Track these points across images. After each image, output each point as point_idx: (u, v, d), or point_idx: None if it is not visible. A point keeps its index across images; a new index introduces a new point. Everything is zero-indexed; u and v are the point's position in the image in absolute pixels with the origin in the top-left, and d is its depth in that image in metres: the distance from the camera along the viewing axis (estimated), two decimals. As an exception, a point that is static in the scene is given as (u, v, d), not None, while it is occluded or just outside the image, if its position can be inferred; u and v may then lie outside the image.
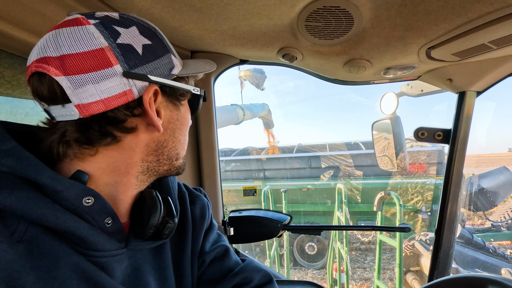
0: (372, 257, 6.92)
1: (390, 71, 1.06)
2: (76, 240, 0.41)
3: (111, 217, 0.45)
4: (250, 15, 0.82)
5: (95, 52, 0.41)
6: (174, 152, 0.53)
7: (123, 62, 0.43)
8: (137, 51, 0.45)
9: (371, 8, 0.76)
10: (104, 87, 0.42)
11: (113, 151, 0.46)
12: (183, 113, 0.54)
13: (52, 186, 0.40)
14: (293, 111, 28.85)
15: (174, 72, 0.50)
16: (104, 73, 0.42)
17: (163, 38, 0.51)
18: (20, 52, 0.73)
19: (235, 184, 7.51)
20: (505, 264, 3.86)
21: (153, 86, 0.46)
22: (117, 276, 0.46)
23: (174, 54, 0.51)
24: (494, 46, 0.83)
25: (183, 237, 0.61)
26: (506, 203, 7.07)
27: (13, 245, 0.36)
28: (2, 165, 0.39)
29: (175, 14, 0.82)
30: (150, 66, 0.46)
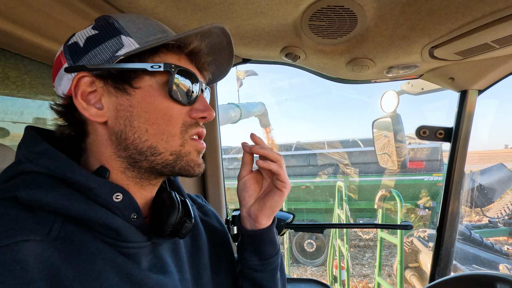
0: (371, 254, 6.97)
1: (393, 70, 1.07)
2: (110, 233, 0.43)
3: (136, 212, 0.47)
4: (254, 14, 0.82)
5: (57, 59, 0.49)
6: (144, 145, 0.46)
7: (70, 59, 0.47)
8: (80, 45, 0.47)
9: (375, 7, 0.77)
10: (62, 85, 0.48)
11: (92, 145, 0.49)
12: (140, 98, 0.46)
13: (87, 184, 0.42)
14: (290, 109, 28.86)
15: (120, 53, 0.45)
16: (59, 74, 0.48)
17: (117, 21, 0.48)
18: (25, 52, 0.73)
19: (233, 182, 7.52)
20: (503, 260, 3.90)
21: (79, 74, 0.46)
22: (145, 265, 0.48)
23: (129, 35, 0.46)
24: (497, 45, 0.84)
25: (197, 243, 0.63)
26: (502, 199, 7.14)
27: (52, 243, 0.38)
28: (38, 165, 0.42)
29: (179, 13, 0.82)
30: (90, 54, 0.46)
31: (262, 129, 9.82)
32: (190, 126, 0.50)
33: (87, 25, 0.50)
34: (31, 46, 0.68)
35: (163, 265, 0.51)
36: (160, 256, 0.51)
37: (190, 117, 0.51)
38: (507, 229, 6.54)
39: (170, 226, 0.49)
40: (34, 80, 0.79)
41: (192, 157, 0.51)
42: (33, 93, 0.84)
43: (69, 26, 0.72)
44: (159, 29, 0.51)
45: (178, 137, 0.49)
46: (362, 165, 7.17)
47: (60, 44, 0.48)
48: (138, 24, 0.48)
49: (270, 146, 8.64)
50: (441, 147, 6.65)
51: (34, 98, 0.84)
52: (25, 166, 0.42)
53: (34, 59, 0.75)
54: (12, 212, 0.37)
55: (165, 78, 0.47)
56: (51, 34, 0.72)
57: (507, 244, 6.25)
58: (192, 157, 0.51)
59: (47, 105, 0.76)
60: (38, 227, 0.38)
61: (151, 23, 0.51)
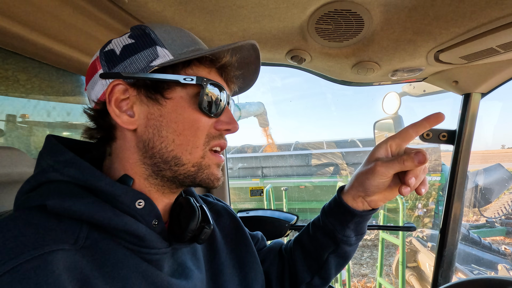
0: (369, 254, 7.00)
1: (398, 73, 1.08)
2: (134, 240, 0.44)
3: (157, 219, 0.48)
4: (261, 17, 0.82)
5: (92, 64, 0.51)
6: (169, 155, 0.47)
7: (105, 66, 0.48)
8: (116, 52, 0.48)
9: (381, 11, 0.77)
10: (95, 90, 0.49)
11: (119, 151, 0.50)
12: (171, 109, 0.48)
13: (111, 191, 0.43)
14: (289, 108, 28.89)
15: (155, 63, 0.47)
16: (93, 79, 0.50)
17: (154, 32, 0.49)
18: (33, 54, 0.73)
19: (233, 182, 7.52)
20: (501, 260, 3.93)
21: (114, 82, 0.47)
22: (167, 271, 0.48)
23: (165, 46, 0.48)
24: (502, 50, 0.84)
25: (213, 245, 0.64)
26: (500, 199, 7.20)
27: (79, 251, 0.38)
28: (63, 174, 0.43)
29: (186, 16, 0.82)
30: (125, 63, 0.47)
31: (261, 129, 9.84)
32: (214, 138, 0.51)
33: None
34: (40, 49, 0.68)
35: (184, 269, 0.51)
36: (180, 261, 0.52)
37: (215, 128, 0.52)
38: (504, 229, 6.60)
39: (190, 232, 0.50)
40: (43, 82, 0.79)
41: (212, 171, 0.51)
42: (42, 93, 0.84)
43: (79, 29, 0.72)
44: (191, 40, 0.52)
45: (200, 148, 0.49)
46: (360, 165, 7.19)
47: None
48: (173, 36, 0.50)
49: (269, 146, 8.63)
50: (439, 148, 6.68)
51: (49, 100, 0.84)
52: (51, 176, 0.43)
53: (44, 62, 0.75)
54: (42, 221, 0.38)
55: (196, 90, 0.49)
56: (61, 37, 0.72)
57: (504, 243, 6.31)
58: (212, 171, 0.51)
59: (42, 105, 0.76)
60: (66, 236, 0.38)
61: (185, 35, 0.52)
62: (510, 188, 7.31)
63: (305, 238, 0.72)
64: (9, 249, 0.33)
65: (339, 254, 0.67)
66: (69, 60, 0.86)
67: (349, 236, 0.64)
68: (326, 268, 0.68)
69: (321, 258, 0.68)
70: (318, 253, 0.68)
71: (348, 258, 0.69)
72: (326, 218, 0.66)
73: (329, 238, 0.66)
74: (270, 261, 0.76)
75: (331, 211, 0.66)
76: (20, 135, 0.85)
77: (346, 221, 0.63)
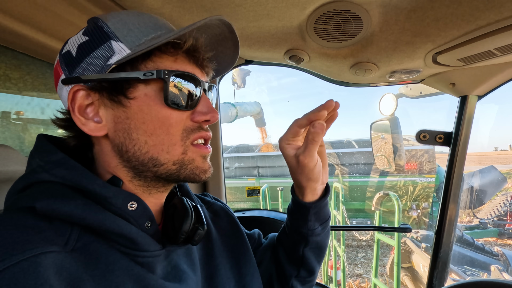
0: (363, 254, 7.04)
1: (396, 74, 1.08)
2: (126, 242, 0.42)
3: (150, 220, 0.47)
4: (260, 16, 0.82)
5: (54, 69, 0.48)
6: (145, 157, 0.45)
7: (66, 70, 0.45)
8: (72, 54, 0.45)
9: (380, 12, 0.77)
10: (63, 97, 0.47)
11: (99, 156, 0.48)
12: (136, 109, 0.44)
13: (103, 193, 0.42)
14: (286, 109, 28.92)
15: (111, 61, 0.42)
16: (59, 85, 0.46)
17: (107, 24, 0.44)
18: (28, 50, 0.72)
19: (229, 181, 7.51)
20: (493, 261, 3.98)
21: (74, 88, 0.44)
22: (160, 274, 0.47)
23: (119, 39, 0.43)
24: (499, 53, 0.85)
25: (209, 245, 0.63)
26: (492, 201, 7.29)
27: (70, 253, 0.37)
28: (53, 175, 0.41)
29: (185, 14, 0.81)
30: (83, 64, 0.43)
31: (258, 128, 9.84)
32: (192, 131, 0.48)
33: None
34: (35, 45, 0.67)
35: (178, 272, 0.50)
36: (174, 263, 0.51)
37: (192, 121, 0.48)
38: (496, 230, 6.69)
39: (183, 234, 0.49)
40: (36, 80, 0.77)
41: (197, 164, 0.48)
42: (35, 91, 0.82)
43: (74, 25, 0.71)
44: (152, 26, 0.47)
45: (179, 145, 0.46)
46: (356, 166, 7.24)
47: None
48: (129, 25, 0.45)
49: (265, 145, 8.62)
50: (434, 149, 6.74)
51: (37, 97, 0.83)
52: (41, 176, 0.41)
53: (38, 58, 0.73)
54: (31, 222, 0.37)
55: (160, 85, 0.44)
56: (56, 32, 0.71)
57: (497, 245, 6.39)
58: (197, 164, 0.48)
59: (36, 102, 0.74)
60: (56, 238, 0.37)
61: (143, 21, 0.47)
62: (503, 189, 7.41)
63: (283, 236, 0.74)
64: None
65: (312, 246, 0.68)
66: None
67: (314, 228, 0.65)
68: (306, 261, 0.69)
69: (298, 253, 0.69)
70: (295, 249, 0.69)
71: (323, 247, 0.70)
72: (291, 217, 0.69)
73: (297, 235, 0.67)
74: (268, 258, 0.76)
75: (292, 210, 0.68)
76: (13, 132, 0.84)
77: (304, 215, 0.64)
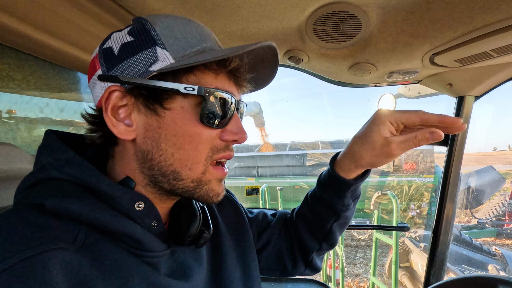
0: (362, 254, 7.05)
1: (394, 75, 1.09)
2: (132, 242, 0.43)
3: (156, 220, 0.47)
4: (260, 17, 0.83)
5: (91, 62, 0.47)
6: (168, 169, 0.44)
7: (104, 66, 0.45)
8: (114, 52, 0.44)
9: (379, 14, 0.78)
10: (95, 92, 0.46)
11: (120, 157, 0.48)
12: (170, 120, 0.43)
13: (110, 193, 0.42)
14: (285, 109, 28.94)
15: (154, 68, 0.42)
16: (93, 79, 0.46)
17: (154, 29, 0.44)
18: (30, 50, 0.72)
19: (229, 181, 7.52)
20: (491, 261, 4.00)
21: (110, 88, 0.43)
22: (165, 272, 0.47)
23: (165, 47, 0.43)
24: (495, 54, 0.86)
25: (218, 239, 0.63)
26: (491, 201, 7.31)
27: (78, 250, 0.38)
28: (64, 173, 0.41)
29: (185, 15, 0.82)
30: (123, 65, 0.43)
31: (257, 128, 9.84)
32: (218, 151, 0.47)
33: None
34: (38, 45, 0.68)
35: (184, 269, 0.50)
36: (180, 261, 0.51)
37: (221, 139, 0.47)
38: (495, 230, 6.71)
39: (190, 236, 0.49)
40: (39, 80, 0.78)
41: (212, 186, 0.48)
42: (37, 91, 0.83)
43: (76, 25, 0.71)
44: (199, 36, 0.46)
45: (202, 163, 0.46)
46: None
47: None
48: (176, 32, 0.44)
49: (264, 145, 8.61)
50: (433, 149, 6.76)
51: (40, 97, 0.84)
52: (51, 174, 0.42)
53: (41, 58, 0.74)
54: (40, 219, 0.37)
55: (198, 100, 0.44)
56: (59, 33, 0.72)
57: (495, 244, 6.41)
58: (212, 186, 0.48)
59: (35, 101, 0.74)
60: (65, 235, 0.37)
61: (191, 30, 0.46)
62: (501, 190, 7.43)
63: (305, 211, 0.74)
64: (6, 247, 0.33)
65: (340, 221, 0.69)
66: (65, 56, 0.85)
67: (348, 204, 0.66)
68: (331, 235, 0.71)
69: (325, 228, 0.70)
70: (321, 224, 0.70)
71: (349, 220, 0.72)
72: (323, 191, 0.67)
73: (329, 210, 0.67)
74: (277, 236, 0.77)
75: (327, 185, 0.66)
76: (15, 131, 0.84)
77: (342, 192, 0.64)
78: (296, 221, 0.76)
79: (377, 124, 0.55)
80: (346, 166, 0.62)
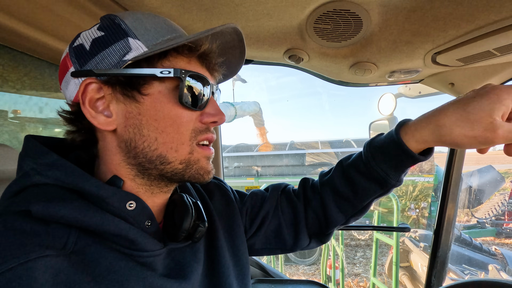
0: (362, 253, 7.05)
1: (395, 74, 1.08)
2: (126, 243, 0.42)
3: (150, 219, 0.46)
4: (259, 15, 0.81)
5: (62, 62, 0.47)
6: (153, 154, 0.45)
7: (76, 63, 0.45)
8: (86, 47, 0.44)
9: (380, 12, 0.77)
10: (69, 91, 0.46)
11: (102, 153, 0.48)
12: (150, 105, 0.44)
13: (99, 194, 0.41)
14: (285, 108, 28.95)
15: (128, 57, 0.43)
16: (66, 78, 0.46)
17: (125, 22, 0.45)
18: (28, 50, 0.71)
19: (228, 181, 7.51)
20: (491, 260, 4.00)
21: (86, 80, 0.43)
22: (163, 272, 0.47)
23: (137, 37, 0.44)
24: (498, 53, 0.85)
25: (213, 232, 0.62)
26: (490, 201, 7.31)
27: (68, 257, 0.36)
28: (48, 177, 0.40)
29: (184, 13, 0.81)
30: (97, 58, 0.44)
31: (256, 128, 9.82)
32: (200, 132, 0.48)
33: (92, 23, 0.48)
34: (35, 44, 0.67)
35: (182, 267, 0.50)
36: (178, 260, 0.50)
37: (201, 122, 0.48)
38: (494, 229, 6.71)
39: (184, 232, 0.48)
40: (34, 81, 0.77)
41: (202, 165, 0.49)
42: (33, 91, 0.82)
43: (74, 24, 0.70)
44: (167, 28, 0.48)
45: (187, 144, 0.47)
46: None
47: (64, 42, 0.47)
48: (146, 24, 0.46)
49: (264, 145, 8.60)
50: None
51: (36, 96, 0.83)
52: (34, 179, 0.40)
53: (38, 57, 0.73)
54: (27, 226, 0.36)
55: (175, 84, 0.45)
56: (56, 32, 0.71)
57: (494, 244, 6.41)
58: (202, 165, 0.49)
59: (34, 101, 0.74)
60: (54, 241, 0.36)
61: (159, 22, 0.48)
62: (501, 189, 7.43)
63: (338, 182, 0.65)
64: None
65: (383, 195, 0.61)
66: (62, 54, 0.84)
67: (402, 179, 0.58)
68: (365, 210, 0.64)
69: (362, 203, 0.62)
70: (360, 198, 0.62)
71: None
72: (376, 163, 0.57)
73: (377, 184, 0.59)
74: (272, 212, 0.71)
75: (385, 155, 0.56)
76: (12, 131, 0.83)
77: (404, 166, 0.55)
78: (322, 191, 0.68)
79: (492, 101, 0.46)
80: (422, 138, 0.52)
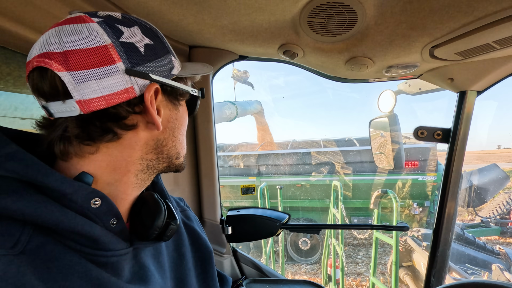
0: (364, 252, 7.01)
1: (392, 69, 1.05)
2: (87, 242, 0.41)
3: (116, 218, 0.46)
4: (252, 9, 0.79)
5: (99, 49, 0.42)
6: (174, 152, 0.54)
7: (126, 60, 0.44)
8: (139, 50, 0.46)
9: (375, 4, 0.75)
10: (107, 83, 0.42)
11: (113, 148, 0.46)
12: (181, 113, 0.55)
13: (61, 189, 0.39)
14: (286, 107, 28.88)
15: (173, 73, 0.51)
16: (107, 70, 0.42)
17: (164, 39, 0.52)
18: (23, 50, 0.72)
19: (229, 180, 7.49)
20: (495, 260, 3.95)
21: (154, 85, 0.47)
22: (126, 274, 0.46)
23: (173, 55, 0.52)
24: (498, 46, 0.82)
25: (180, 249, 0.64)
26: (495, 199, 7.24)
27: (17, 257, 0.34)
28: (5, 169, 0.38)
29: (174, 7, 0.79)
30: (151, 65, 0.47)
31: (258, 127, 9.80)
32: None
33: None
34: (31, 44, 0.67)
35: (145, 272, 0.49)
36: (142, 263, 0.50)
37: None
38: (499, 228, 6.64)
39: (156, 229, 0.48)
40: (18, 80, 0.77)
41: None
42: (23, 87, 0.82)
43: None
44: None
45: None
46: (357, 164, 7.20)
47: None
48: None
49: (266, 144, 8.57)
50: (436, 147, 6.70)
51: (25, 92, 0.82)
52: None
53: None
54: None
55: (193, 98, 0.59)
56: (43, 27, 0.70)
57: (499, 243, 6.35)
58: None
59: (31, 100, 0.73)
60: (2, 240, 0.34)
61: None
62: (505, 188, 7.36)
63: None
64: None
65: None
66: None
67: None
68: None
69: None
70: None
71: None
72: None
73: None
74: None
75: None
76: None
77: None
78: None
79: None
80: None
